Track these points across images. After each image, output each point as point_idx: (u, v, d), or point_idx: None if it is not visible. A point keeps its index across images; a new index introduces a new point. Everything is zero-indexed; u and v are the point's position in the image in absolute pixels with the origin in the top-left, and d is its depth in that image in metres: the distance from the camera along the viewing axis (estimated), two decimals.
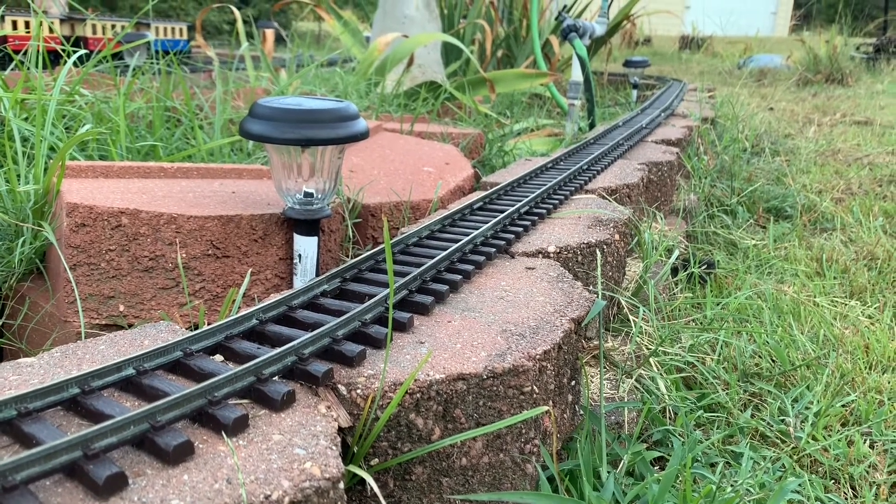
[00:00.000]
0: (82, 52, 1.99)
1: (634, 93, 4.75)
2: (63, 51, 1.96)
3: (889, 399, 1.29)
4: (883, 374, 1.38)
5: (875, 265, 2.02)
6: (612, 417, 1.09)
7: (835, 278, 1.93)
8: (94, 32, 5.01)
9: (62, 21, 4.88)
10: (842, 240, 2.26)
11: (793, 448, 1.13)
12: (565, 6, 4.16)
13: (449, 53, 4.85)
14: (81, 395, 0.68)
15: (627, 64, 4.75)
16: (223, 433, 0.66)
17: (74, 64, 1.93)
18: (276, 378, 0.75)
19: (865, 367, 1.40)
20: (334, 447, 0.67)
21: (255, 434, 0.67)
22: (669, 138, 2.64)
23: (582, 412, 1.03)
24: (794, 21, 14.98)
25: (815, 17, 16.46)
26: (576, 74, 3.34)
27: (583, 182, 1.75)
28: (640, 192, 1.90)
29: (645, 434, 1.12)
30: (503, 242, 1.25)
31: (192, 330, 0.83)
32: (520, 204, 1.42)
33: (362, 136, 1.18)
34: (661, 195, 2.18)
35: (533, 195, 1.50)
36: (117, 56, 2.82)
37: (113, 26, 5.12)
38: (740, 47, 9.72)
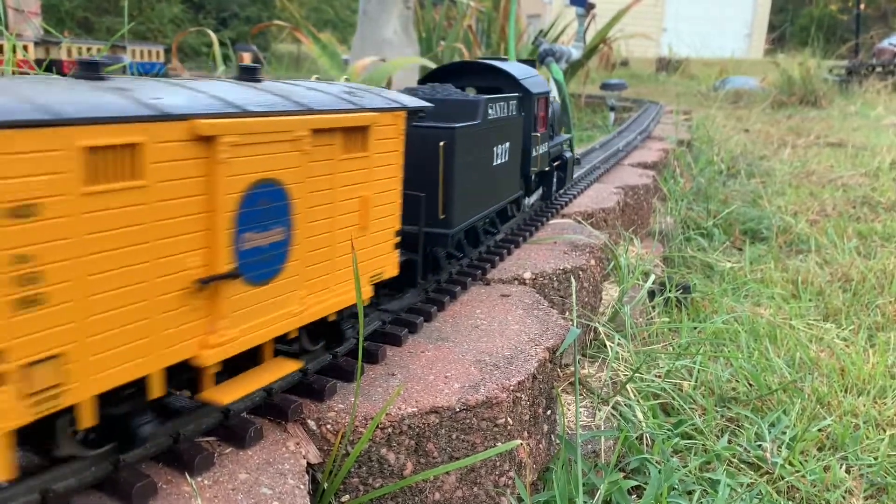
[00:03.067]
0: (56, 76, 1.97)
1: (612, 115, 4.79)
2: (36, 74, 1.95)
3: (864, 423, 1.29)
4: (858, 396, 1.39)
5: (850, 287, 2.04)
6: (589, 446, 1.08)
7: (810, 300, 1.94)
8: (69, 55, 4.99)
9: (36, 44, 4.85)
10: (817, 261, 2.28)
11: (770, 474, 1.12)
12: (542, 30, 4.21)
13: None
14: None
15: (605, 86, 4.79)
16: (187, 473, 0.64)
17: None
18: (244, 414, 0.73)
19: (841, 390, 1.40)
20: (302, 486, 0.65)
21: (221, 473, 0.66)
22: (646, 161, 2.66)
23: (558, 441, 1.02)
24: (768, 44, 15.25)
25: (789, 40, 16.77)
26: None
27: (559, 206, 1.75)
28: (617, 216, 1.91)
29: (622, 462, 1.11)
30: (478, 270, 1.24)
31: None
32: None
33: None
34: (637, 218, 2.19)
35: (510, 220, 1.49)
36: None
37: (88, 49, 5.10)
38: (716, 69, 9.86)
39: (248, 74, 0.75)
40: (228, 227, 0.65)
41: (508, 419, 0.84)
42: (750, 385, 1.40)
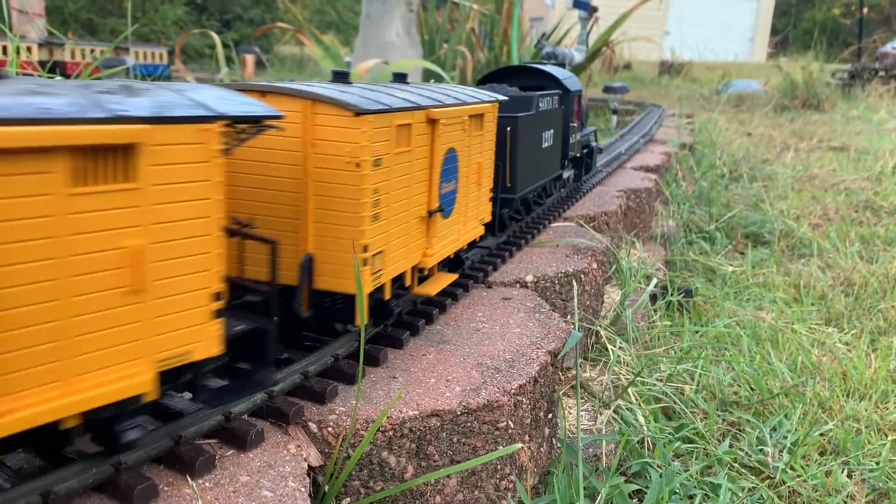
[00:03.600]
0: (59, 77, 1.97)
1: (614, 118, 4.79)
2: (40, 76, 1.95)
3: (866, 427, 1.29)
4: (860, 401, 1.38)
5: (852, 291, 2.04)
6: (590, 450, 1.08)
7: (812, 305, 1.94)
8: (73, 57, 5.00)
9: (40, 46, 4.86)
10: (819, 265, 2.28)
11: (771, 479, 1.12)
12: (544, 34, 4.21)
13: (430, 79, 4.88)
14: None
15: (607, 90, 4.79)
16: (188, 475, 0.64)
17: None
18: (244, 416, 0.73)
19: (843, 395, 1.40)
20: (303, 489, 0.65)
21: (222, 475, 0.66)
22: (648, 164, 2.66)
23: (559, 445, 1.02)
24: (771, 47, 15.24)
25: (792, 44, 16.76)
26: None
27: (561, 209, 1.75)
28: (619, 220, 1.91)
29: (623, 466, 1.11)
30: (480, 273, 1.24)
31: None
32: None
33: None
34: (639, 222, 2.19)
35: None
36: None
37: (92, 51, 5.11)
38: (718, 73, 9.85)
39: (342, 78, 0.92)
40: (437, 179, 0.99)
41: (510, 423, 0.84)
42: (751, 389, 1.40)
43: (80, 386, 0.55)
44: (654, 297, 1.76)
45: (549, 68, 1.77)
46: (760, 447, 1.20)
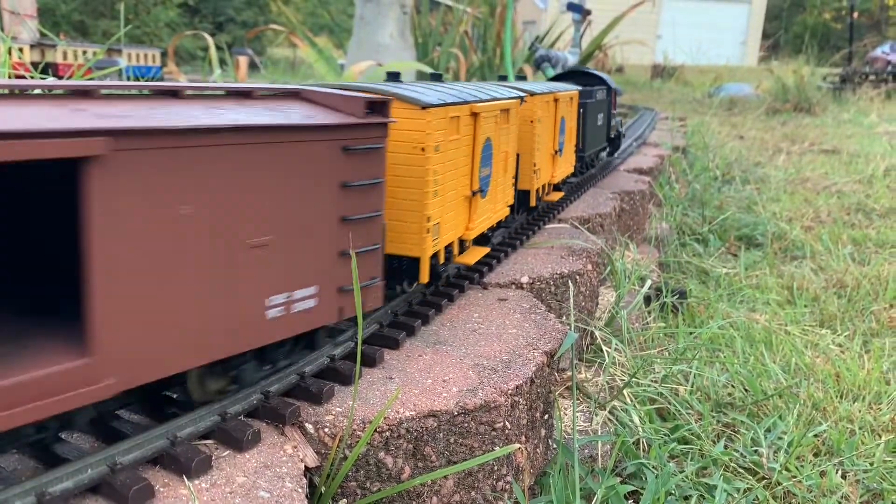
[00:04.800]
0: (51, 78, 1.96)
1: None
2: (31, 77, 1.94)
3: (860, 428, 1.29)
4: (854, 402, 1.39)
5: (844, 293, 2.04)
6: (586, 451, 1.08)
7: (805, 306, 1.94)
8: (65, 58, 4.98)
9: (32, 47, 4.84)
10: (812, 268, 2.29)
11: (766, 480, 1.12)
12: (538, 36, 4.22)
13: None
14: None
15: None
16: (185, 476, 0.64)
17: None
18: (241, 417, 0.73)
19: (836, 396, 1.40)
20: (300, 489, 0.65)
21: (219, 476, 0.65)
22: (641, 167, 2.67)
23: (555, 446, 1.02)
24: (763, 51, 15.31)
25: (783, 48, 16.85)
26: None
27: (556, 211, 1.75)
28: (613, 221, 1.91)
29: (619, 467, 1.11)
30: (476, 274, 1.24)
31: None
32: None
33: None
34: (633, 224, 2.19)
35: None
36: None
37: (84, 52, 5.09)
38: (711, 76, 9.90)
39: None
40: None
41: (506, 423, 0.84)
42: (746, 390, 1.40)
43: (496, 210, 1.26)
44: (648, 299, 1.76)
45: (597, 72, 2.46)
46: (755, 448, 1.20)
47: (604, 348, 1.34)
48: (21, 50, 4.56)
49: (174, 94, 0.68)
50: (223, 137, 0.63)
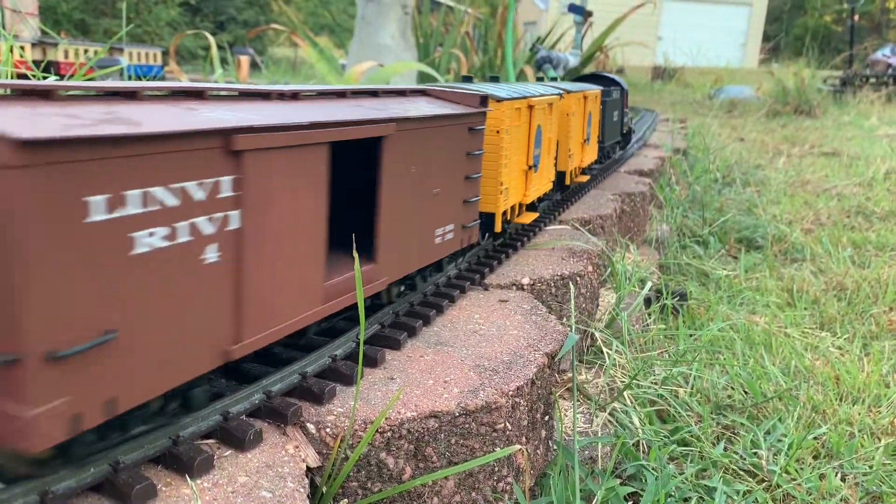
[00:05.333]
0: (53, 77, 1.96)
1: None
2: (33, 76, 1.94)
3: (859, 431, 1.29)
4: (853, 405, 1.39)
5: (844, 296, 2.05)
6: (586, 452, 1.08)
7: (805, 309, 1.94)
8: (66, 57, 4.98)
9: (34, 45, 4.84)
10: (812, 270, 2.29)
11: (766, 482, 1.12)
12: (539, 38, 4.22)
13: (424, 82, 4.88)
14: None
15: None
16: (187, 475, 0.64)
17: None
18: (243, 417, 0.73)
19: (836, 399, 1.41)
20: (302, 489, 0.65)
21: (221, 476, 0.66)
22: (642, 169, 2.67)
23: (555, 447, 1.02)
24: (763, 53, 15.32)
25: (784, 50, 16.85)
26: None
27: (556, 213, 1.75)
28: (614, 223, 1.91)
29: (619, 469, 1.11)
30: (477, 275, 1.24)
31: None
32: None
33: None
34: (633, 225, 2.20)
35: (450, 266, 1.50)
36: (90, 80, 2.80)
37: (86, 51, 5.09)
38: (711, 78, 9.90)
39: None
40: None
41: (507, 424, 0.84)
42: (745, 393, 1.40)
43: (543, 183, 1.60)
44: (648, 301, 1.76)
45: (612, 75, 2.75)
46: (755, 450, 1.20)
47: (604, 350, 1.35)
48: (22, 48, 4.57)
49: (342, 94, 0.92)
50: (427, 122, 0.97)
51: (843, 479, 1.16)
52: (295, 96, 0.80)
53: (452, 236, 1.11)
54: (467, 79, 1.57)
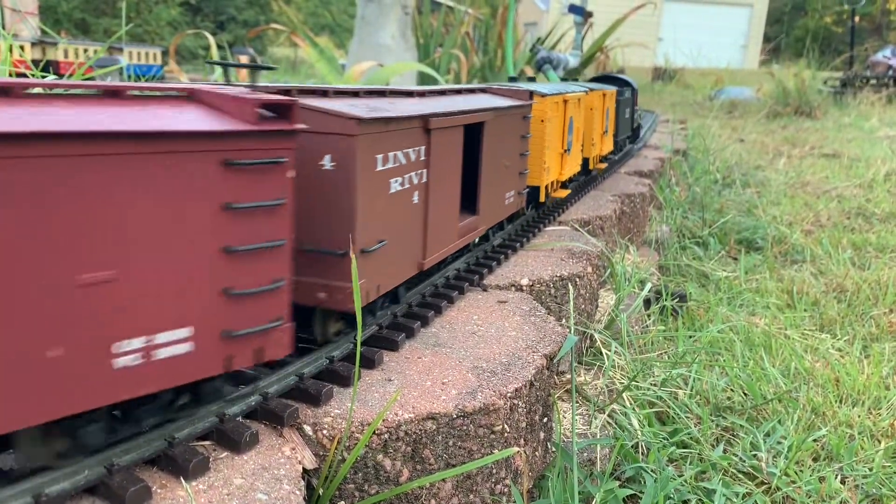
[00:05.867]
0: (52, 76, 1.96)
1: None
2: (32, 75, 1.94)
3: (859, 433, 1.29)
4: (853, 407, 1.39)
5: (844, 297, 2.04)
6: (585, 454, 1.08)
7: (805, 310, 1.94)
8: (66, 56, 4.97)
9: (33, 45, 4.83)
10: (812, 272, 2.29)
11: (765, 484, 1.12)
12: (539, 38, 4.21)
13: (424, 83, 4.88)
14: None
15: None
16: (182, 477, 0.64)
17: None
18: (239, 418, 0.73)
19: (836, 401, 1.40)
20: (298, 491, 0.65)
21: (216, 478, 0.65)
22: (642, 170, 2.66)
23: (554, 449, 1.02)
24: (764, 55, 15.31)
25: (784, 51, 16.85)
26: None
27: (556, 214, 1.75)
28: (613, 224, 1.91)
29: (617, 471, 1.10)
30: (476, 276, 1.23)
31: None
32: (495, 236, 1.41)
33: None
34: (633, 226, 2.19)
35: (508, 226, 1.49)
36: (89, 80, 2.79)
37: (85, 50, 5.09)
38: (711, 79, 9.90)
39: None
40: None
41: (505, 426, 0.84)
42: (745, 394, 1.40)
43: (574, 165, 1.93)
44: (648, 302, 1.76)
45: (623, 76, 3.00)
46: (754, 453, 1.19)
47: (603, 351, 1.34)
48: (22, 48, 4.56)
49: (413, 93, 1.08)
50: (505, 111, 1.28)
51: (842, 482, 1.16)
52: (422, 95, 1.06)
53: (513, 200, 1.42)
54: (513, 79, 1.93)
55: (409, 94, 1.02)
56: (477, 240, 1.33)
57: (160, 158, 0.57)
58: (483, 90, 1.37)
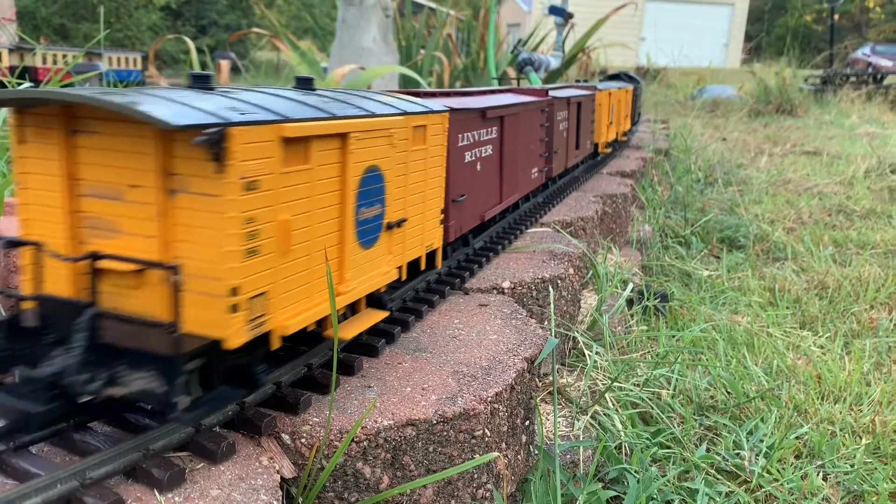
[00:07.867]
0: (29, 83, 1.94)
1: None
2: (9, 82, 1.92)
3: (841, 430, 1.29)
4: (835, 404, 1.39)
5: (826, 295, 2.05)
6: (568, 456, 1.07)
7: (787, 308, 1.95)
8: (44, 62, 4.93)
9: (11, 51, 4.79)
10: (793, 269, 2.30)
11: (748, 483, 1.12)
12: (521, 39, 4.22)
13: (407, 85, 4.87)
14: (6, 453, 0.65)
15: None
16: (157, 489, 0.63)
17: None
18: (216, 429, 0.72)
19: (818, 398, 1.41)
20: (276, 501, 0.64)
21: (192, 489, 0.64)
22: (624, 170, 2.67)
23: (536, 452, 1.02)
24: (745, 53, 15.41)
25: (765, 50, 16.97)
26: None
27: (538, 214, 1.75)
28: (595, 225, 1.91)
29: (600, 472, 1.10)
30: (458, 279, 1.23)
31: None
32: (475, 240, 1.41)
33: None
34: (615, 227, 2.20)
35: (489, 229, 1.49)
36: (68, 87, 2.77)
37: (63, 56, 5.04)
38: (694, 78, 9.94)
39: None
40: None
41: (486, 431, 0.83)
42: (728, 393, 1.40)
43: (608, 136, 2.97)
44: (630, 302, 1.76)
45: (630, 74, 3.87)
46: (737, 451, 1.20)
47: (586, 352, 1.34)
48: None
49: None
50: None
51: (824, 479, 1.16)
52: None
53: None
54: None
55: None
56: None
57: (532, 110, 1.66)
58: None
